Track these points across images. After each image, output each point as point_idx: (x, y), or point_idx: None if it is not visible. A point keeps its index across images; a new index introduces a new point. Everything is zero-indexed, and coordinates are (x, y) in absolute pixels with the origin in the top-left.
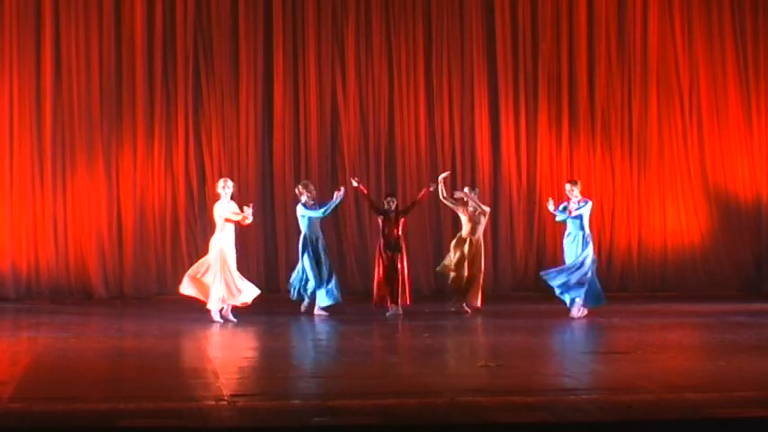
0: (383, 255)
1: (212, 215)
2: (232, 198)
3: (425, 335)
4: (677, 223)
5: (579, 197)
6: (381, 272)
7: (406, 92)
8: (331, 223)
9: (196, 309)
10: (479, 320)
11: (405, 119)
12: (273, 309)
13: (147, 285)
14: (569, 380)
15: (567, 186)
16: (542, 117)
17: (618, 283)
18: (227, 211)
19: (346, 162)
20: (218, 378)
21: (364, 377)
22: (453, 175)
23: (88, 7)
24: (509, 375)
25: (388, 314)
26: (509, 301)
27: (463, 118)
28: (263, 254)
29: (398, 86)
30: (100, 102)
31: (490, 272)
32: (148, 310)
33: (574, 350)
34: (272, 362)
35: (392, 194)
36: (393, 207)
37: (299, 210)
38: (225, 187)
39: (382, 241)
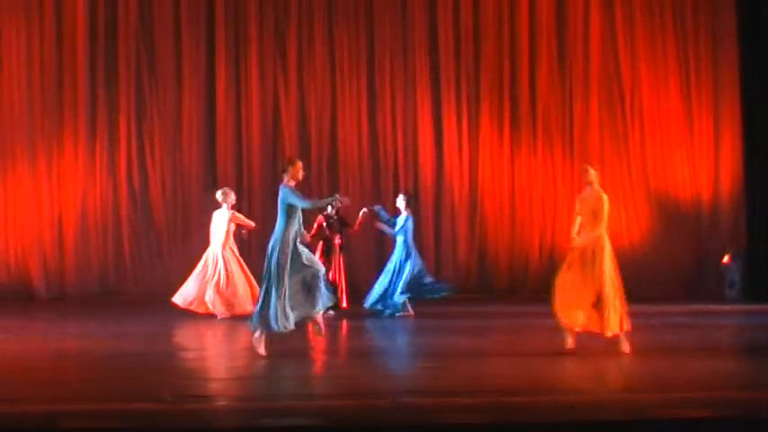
0: (331, 258)
1: (157, 216)
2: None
3: (368, 336)
4: (618, 225)
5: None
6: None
7: (348, 94)
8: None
9: (140, 310)
10: (421, 322)
11: (347, 121)
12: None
13: (89, 286)
14: (510, 381)
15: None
16: (484, 119)
17: None
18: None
19: None
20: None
21: (307, 378)
22: (395, 176)
23: (29, 6)
24: (450, 376)
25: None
26: (451, 302)
27: (405, 120)
28: None
29: (341, 89)
30: (41, 102)
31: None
32: (90, 310)
33: (515, 352)
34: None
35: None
36: (334, 213)
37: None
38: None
39: (334, 245)
